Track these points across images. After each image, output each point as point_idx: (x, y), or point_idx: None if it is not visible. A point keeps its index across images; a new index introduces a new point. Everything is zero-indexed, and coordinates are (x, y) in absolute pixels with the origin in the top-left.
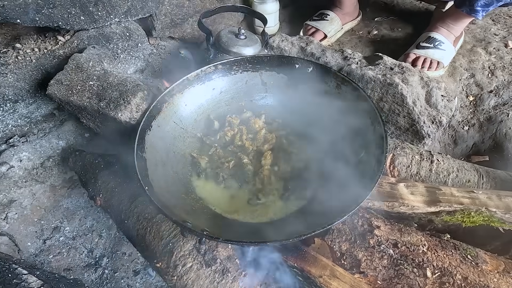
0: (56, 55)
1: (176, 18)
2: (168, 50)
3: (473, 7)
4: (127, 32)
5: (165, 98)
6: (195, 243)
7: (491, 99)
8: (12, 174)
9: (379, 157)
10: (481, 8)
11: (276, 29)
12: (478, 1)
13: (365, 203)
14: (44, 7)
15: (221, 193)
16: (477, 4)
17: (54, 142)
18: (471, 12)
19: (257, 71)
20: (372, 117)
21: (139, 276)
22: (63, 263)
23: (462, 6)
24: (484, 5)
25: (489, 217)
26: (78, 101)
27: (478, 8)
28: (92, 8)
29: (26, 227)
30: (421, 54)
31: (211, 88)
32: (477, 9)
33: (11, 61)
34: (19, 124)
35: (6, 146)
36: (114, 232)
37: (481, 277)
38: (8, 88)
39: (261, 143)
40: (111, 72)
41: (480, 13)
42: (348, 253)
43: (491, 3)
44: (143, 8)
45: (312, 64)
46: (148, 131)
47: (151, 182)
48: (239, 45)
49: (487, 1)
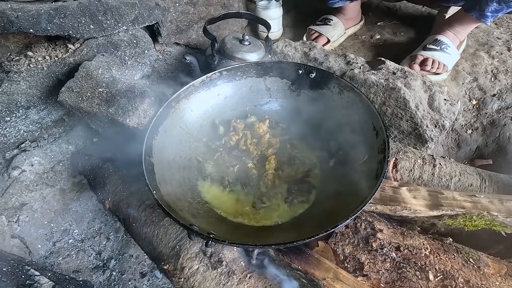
0: (67, 62)
1: (181, 25)
2: (173, 56)
3: (483, 12)
4: (134, 39)
5: (172, 104)
6: (201, 246)
7: (494, 103)
8: (24, 178)
9: (381, 161)
10: (491, 13)
11: (279, 34)
12: (488, 6)
13: (368, 207)
14: (55, 17)
15: (226, 197)
16: (487, 9)
17: (64, 146)
18: (481, 17)
19: (261, 77)
20: (374, 122)
21: (146, 278)
22: (72, 265)
23: (472, 10)
24: (494, 11)
25: (491, 221)
26: (88, 108)
27: (488, 13)
28: (101, 17)
29: (36, 229)
30: (428, 55)
31: (216, 94)
32: (486, 14)
33: (23, 68)
34: (30, 129)
35: (18, 151)
36: (121, 235)
37: (483, 280)
38: (21, 95)
39: (265, 148)
40: (119, 79)
41: (489, 18)
42: (351, 256)
43: (501, 9)
44: (150, 16)
45: (315, 70)
46: (155, 136)
47: (158, 186)
48: (243, 51)
49: (497, 7)
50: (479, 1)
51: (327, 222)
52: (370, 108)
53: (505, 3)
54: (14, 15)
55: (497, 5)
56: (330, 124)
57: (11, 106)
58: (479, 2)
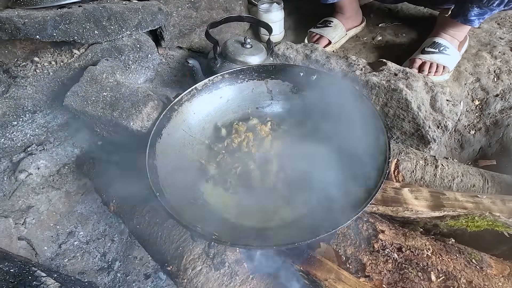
0: (72, 67)
1: (184, 29)
2: (176, 59)
3: (466, 17)
4: (138, 44)
5: (175, 107)
6: (204, 247)
7: (497, 103)
8: (31, 181)
9: (382, 162)
10: (475, 17)
11: (281, 37)
12: (470, 11)
13: (370, 208)
14: (61, 23)
15: (228, 198)
16: (470, 14)
17: (69, 150)
18: (466, 22)
19: (262, 79)
20: (375, 124)
21: (150, 279)
22: (78, 266)
23: (457, 17)
24: (478, 14)
25: (493, 222)
26: (93, 112)
27: (472, 18)
28: (105, 23)
29: (42, 231)
30: (426, 59)
31: (219, 97)
32: (471, 19)
33: (30, 74)
34: (36, 133)
35: (25, 155)
36: (126, 237)
37: (486, 281)
38: (28, 100)
39: (267, 150)
40: (123, 83)
41: (476, 22)
42: (353, 257)
43: (485, 12)
44: (153, 20)
45: (316, 72)
46: (159, 139)
47: (162, 189)
48: (245, 54)
49: (480, 10)
50: (461, 6)
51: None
52: (371, 109)
53: (486, 7)
54: (21, 22)
55: (478, 9)
56: (331, 125)
57: (18, 110)
58: (462, 8)
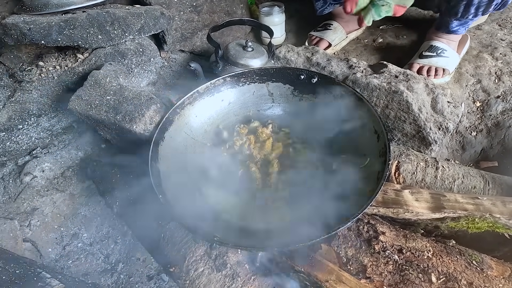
0: (76, 71)
1: (186, 32)
2: (178, 63)
3: (448, 28)
4: (141, 48)
5: (177, 110)
6: (206, 249)
7: (499, 105)
8: (35, 183)
9: (382, 164)
10: (457, 27)
11: (282, 40)
12: (450, 24)
13: (371, 210)
14: (65, 28)
15: (230, 200)
16: (451, 26)
17: (74, 153)
18: (450, 32)
19: (264, 82)
20: (375, 126)
21: (152, 281)
22: (81, 268)
23: (440, 28)
24: (459, 24)
25: (494, 223)
26: (97, 115)
27: (455, 28)
28: (108, 28)
29: (47, 233)
30: (424, 63)
31: (220, 100)
32: (454, 30)
33: (35, 78)
34: (41, 136)
35: (30, 158)
36: (128, 239)
37: (486, 282)
38: (33, 104)
39: (269, 152)
40: (126, 86)
41: (459, 31)
42: (354, 258)
43: (466, 22)
44: (155, 25)
45: (317, 75)
46: (161, 142)
47: (164, 191)
48: (247, 57)
49: (460, 21)
50: (442, 19)
51: (330, 225)
52: (371, 111)
53: (463, 18)
54: (27, 27)
55: (457, 22)
56: (332, 128)
57: (23, 114)
58: (443, 20)
